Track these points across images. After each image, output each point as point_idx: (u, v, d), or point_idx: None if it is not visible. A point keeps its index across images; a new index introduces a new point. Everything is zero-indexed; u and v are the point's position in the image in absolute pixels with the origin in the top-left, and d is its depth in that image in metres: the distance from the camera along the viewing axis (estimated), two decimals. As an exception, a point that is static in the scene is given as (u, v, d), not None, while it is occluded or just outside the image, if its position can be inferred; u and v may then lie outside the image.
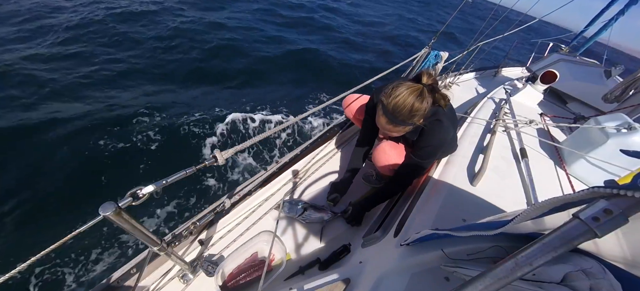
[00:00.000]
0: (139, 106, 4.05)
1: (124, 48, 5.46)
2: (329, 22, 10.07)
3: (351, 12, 13.08)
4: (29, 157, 2.99)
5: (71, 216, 2.55)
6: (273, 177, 1.55)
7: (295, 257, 1.26)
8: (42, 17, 5.79)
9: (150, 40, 5.92)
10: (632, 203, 0.32)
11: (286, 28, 8.52)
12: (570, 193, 0.41)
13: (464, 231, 0.66)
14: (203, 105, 4.45)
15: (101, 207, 0.61)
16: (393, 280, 0.80)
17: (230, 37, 6.81)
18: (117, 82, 4.54)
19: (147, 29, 6.29)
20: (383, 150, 1.37)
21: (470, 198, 1.17)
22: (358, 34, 9.83)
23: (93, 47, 5.19)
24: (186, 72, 5.29)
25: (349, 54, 7.71)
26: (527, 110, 2.29)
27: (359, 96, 1.65)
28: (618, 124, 1.49)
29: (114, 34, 5.76)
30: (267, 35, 7.51)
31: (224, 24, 7.41)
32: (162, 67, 5.24)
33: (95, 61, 4.87)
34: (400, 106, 1.02)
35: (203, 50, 5.97)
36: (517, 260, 0.36)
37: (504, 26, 3.11)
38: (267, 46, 6.87)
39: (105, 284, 0.97)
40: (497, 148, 1.58)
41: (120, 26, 6.08)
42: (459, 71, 3.45)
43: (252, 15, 8.86)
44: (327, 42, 8.18)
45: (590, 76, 3.44)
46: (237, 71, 5.71)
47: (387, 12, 15.99)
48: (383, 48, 9.20)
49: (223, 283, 1.09)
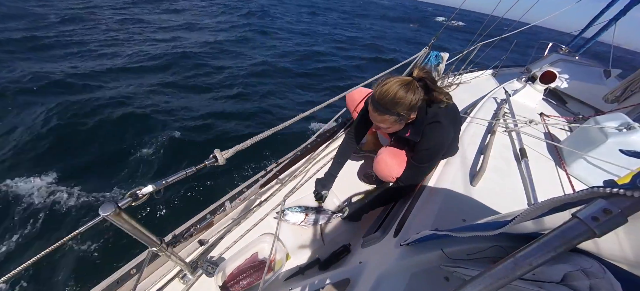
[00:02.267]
0: (138, 106, 4.05)
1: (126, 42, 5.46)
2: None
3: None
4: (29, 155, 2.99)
5: (71, 216, 2.55)
6: (273, 177, 1.55)
7: (295, 257, 1.26)
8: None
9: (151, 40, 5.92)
10: (632, 202, 0.32)
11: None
12: (570, 193, 0.41)
13: (463, 231, 0.66)
14: (203, 104, 4.45)
15: (101, 207, 0.61)
16: (393, 280, 0.80)
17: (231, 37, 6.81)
18: (117, 77, 4.53)
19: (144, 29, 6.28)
20: (383, 159, 1.33)
21: (470, 198, 1.17)
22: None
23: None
24: (186, 72, 5.29)
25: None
26: (527, 110, 2.29)
27: (361, 89, 1.65)
28: (618, 124, 1.49)
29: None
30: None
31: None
32: (161, 67, 5.24)
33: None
34: (384, 94, 1.02)
35: (202, 50, 5.97)
36: (517, 259, 0.36)
37: (500, 32, 3.14)
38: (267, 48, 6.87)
39: (105, 284, 0.97)
40: (497, 148, 1.58)
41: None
42: (459, 71, 3.45)
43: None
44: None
45: (589, 76, 3.44)
46: (237, 70, 5.71)
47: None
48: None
49: (223, 283, 1.09)
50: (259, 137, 1.06)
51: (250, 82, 5.41)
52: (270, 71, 6.06)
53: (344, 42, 10.46)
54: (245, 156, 3.56)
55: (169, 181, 0.74)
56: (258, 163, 3.56)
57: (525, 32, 3.10)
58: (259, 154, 3.68)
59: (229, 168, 3.32)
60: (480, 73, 4.02)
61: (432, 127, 1.13)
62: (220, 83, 5.27)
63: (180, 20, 7.51)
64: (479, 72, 4.01)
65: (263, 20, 12.02)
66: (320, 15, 18.60)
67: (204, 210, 1.28)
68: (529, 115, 2.11)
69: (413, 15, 31.50)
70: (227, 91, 5.01)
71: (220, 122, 4.07)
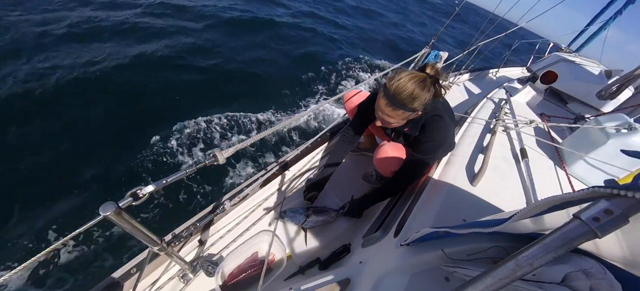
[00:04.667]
0: (138, 106, 4.05)
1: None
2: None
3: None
4: (27, 155, 3.00)
5: (71, 216, 2.55)
6: (273, 177, 1.55)
7: (295, 257, 1.26)
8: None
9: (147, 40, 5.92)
10: (633, 203, 0.32)
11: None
12: (570, 192, 0.41)
13: (463, 228, 0.66)
14: (202, 105, 4.45)
15: (101, 207, 0.61)
16: (393, 280, 0.79)
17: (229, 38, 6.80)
18: (117, 73, 4.52)
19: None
20: (384, 151, 1.33)
21: (470, 198, 1.17)
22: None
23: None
24: (185, 73, 5.29)
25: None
26: (527, 110, 2.29)
27: (359, 91, 1.64)
28: (618, 124, 1.49)
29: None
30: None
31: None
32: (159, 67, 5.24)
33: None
34: (402, 88, 1.01)
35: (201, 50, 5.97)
36: (518, 260, 0.36)
37: (500, 31, 3.15)
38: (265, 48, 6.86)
39: (105, 284, 0.97)
40: (497, 148, 1.58)
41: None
42: (459, 71, 3.45)
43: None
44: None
45: (590, 76, 3.44)
46: (237, 71, 5.71)
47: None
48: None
49: (223, 283, 1.09)
50: (259, 136, 1.06)
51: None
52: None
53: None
54: (245, 156, 3.56)
55: (169, 181, 0.74)
56: (258, 162, 3.56)
57: (525, 32, 3.11)
58: (260, 154, 3.68)
59: (228, 167, 3.33)
60: (480, 73, 4.02)
61: (433, 120, 1.14)
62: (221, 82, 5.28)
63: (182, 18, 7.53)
64: (479, 72, 4.01)
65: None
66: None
67: (204, 210, 1.28)
68: (530, 115, 2.11)
69: None
70: (228, 89, 5.03)
71: (218, 120, 4.07)
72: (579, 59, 4.10)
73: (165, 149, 3.42)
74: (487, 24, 3.10)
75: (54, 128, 3.39)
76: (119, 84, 4.30)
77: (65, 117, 3.51)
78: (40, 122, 3.38)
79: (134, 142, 3.44)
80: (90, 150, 3.25)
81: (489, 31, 2.99)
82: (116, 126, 3.63)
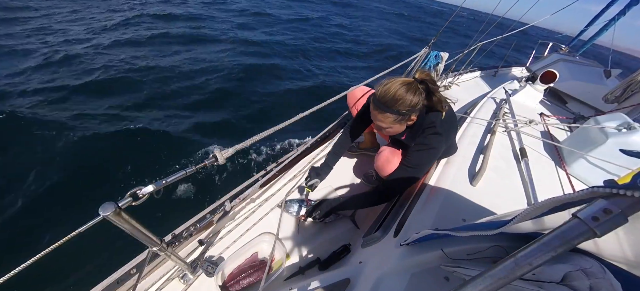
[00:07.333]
0: (136, 105, 4.06)
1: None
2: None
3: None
4: (26, 156, 2.99)
5: (71, 216, 2.55)
6: (273, 177, 1.55)
7: (295, 257, 1.26)
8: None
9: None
10: (632, 202, 0.32)
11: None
12: (570, 193, 0.41)
13: (463, 231, 0.66)
14: (202, 104, 4.45)
15: (101, 207, 0.61)
16: (393, 280, 0.80)
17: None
18: (116, 84, 4.54)
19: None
20: (385, 156, 1.33)
21: (470, 198, 1.17)
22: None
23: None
24: (183, 73, 5.29)
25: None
26: (527, 110, 2.29)
27: (365, 91, 1.66)
28: (618, 124, 1.49)
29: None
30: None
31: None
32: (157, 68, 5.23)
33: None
34: (386, 92, 1.06)
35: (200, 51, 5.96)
36: (517, 259, 0.36)
37: (500, 31, 3.14)
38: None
39: (105, 284, 0.97)
40: (497, 148, 1.58)
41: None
42: (459, 71, 3.45)
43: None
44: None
45: (590, 76, 3.44)
46: (237, 70, 5.71)
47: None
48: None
49: (223, 283, 1.09)
50: (259, 136, 1.05)
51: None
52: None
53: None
54: (245, 156, 3.56)
55: (169, 181, 0.74)
56: (258, 162, 3.56)
57: (525, 33, 3.11)
58: (260, 154, 3.68)
59: (229, 167, 3.32)
60: (480, 73, 4.02)
61: (427, 132, 1.14)
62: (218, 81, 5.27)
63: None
64: (479, 72, 4.01)
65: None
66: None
67: (204, 210, 1.28)
68: (529, 115, 2.11)
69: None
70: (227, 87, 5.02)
71: (217, 120, 4.07)
72: (578, 59, 4.11)
73: (164, 150, 3.42)
74: (486, 24, 3.10)
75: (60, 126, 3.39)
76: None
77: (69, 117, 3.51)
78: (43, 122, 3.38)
79: (136, 144, 3.44)
80: (91, 150, 3.25)
81: (489, 30, 2.99)
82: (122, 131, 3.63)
